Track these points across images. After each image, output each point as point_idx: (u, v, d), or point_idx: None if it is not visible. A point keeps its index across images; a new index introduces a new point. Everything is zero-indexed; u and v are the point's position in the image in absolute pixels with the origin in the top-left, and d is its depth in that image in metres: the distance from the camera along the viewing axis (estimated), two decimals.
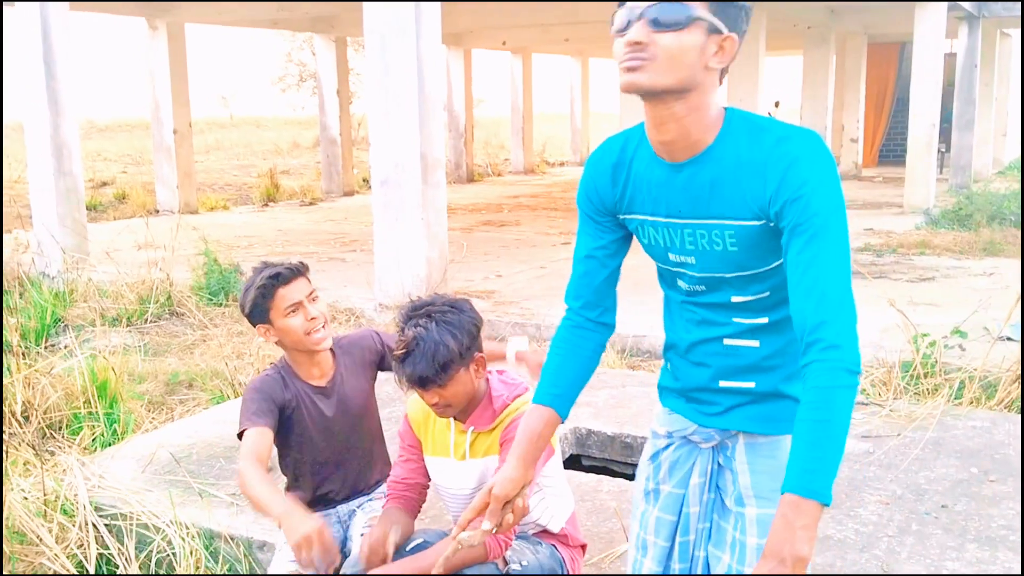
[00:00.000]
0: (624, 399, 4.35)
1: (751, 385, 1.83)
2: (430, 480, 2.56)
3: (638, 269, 2.67)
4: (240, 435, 2.54)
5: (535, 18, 14.75)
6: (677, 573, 1.94)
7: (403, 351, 2.27)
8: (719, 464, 1.90)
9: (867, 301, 6.19)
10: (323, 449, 2.74)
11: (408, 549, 2.45)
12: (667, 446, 1.98)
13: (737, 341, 1.82)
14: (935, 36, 11.80)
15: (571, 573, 2.52)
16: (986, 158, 17.77)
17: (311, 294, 2.63)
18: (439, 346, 2.24)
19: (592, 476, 3.62)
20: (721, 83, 1.72)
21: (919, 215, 11.59)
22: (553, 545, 2.51)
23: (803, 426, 1.58)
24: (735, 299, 1.79)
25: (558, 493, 2.53)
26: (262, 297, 2.57)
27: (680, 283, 1.86)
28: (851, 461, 3.67)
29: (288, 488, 2.87)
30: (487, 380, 2.45)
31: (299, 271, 2.62)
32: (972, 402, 4.50)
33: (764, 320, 1.80)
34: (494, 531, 1.87)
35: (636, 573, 1.99)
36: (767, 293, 1.77)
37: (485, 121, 33.43)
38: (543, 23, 15.56)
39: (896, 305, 5.23)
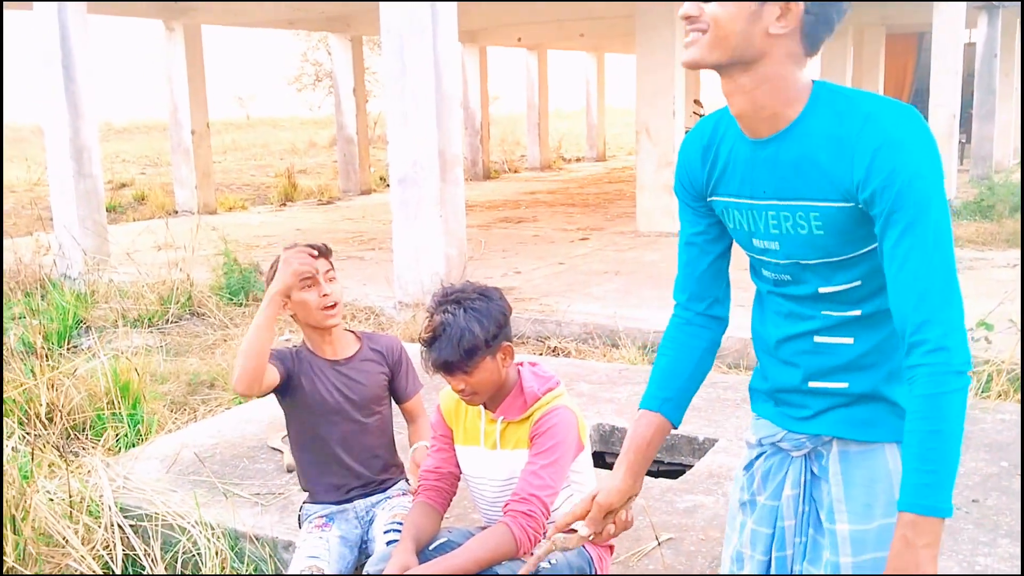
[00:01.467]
0: None
1: (844, 386, 1.67)
2: (461, 471, 2.56)
3: (656, 264, 2.64)
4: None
5: (550, 14, 14.71)
6: None
7: (430, 335, 2.30)
8: (813, 474, 1.75)
9: None
10: (331, 425, 2.78)
11: (432, 548, 2.44)
12: (759, 455, 1.84)
13: (828, 338, 1.67)
14: (954, 26, 11.67)
15: (599, 572, 2.51)
16: (1007, 148, 17.58)
17: (328, 271, 2.75)
18: (465, 332, 2.26)
19: None
20: (812, 53, 1.58)
21: None
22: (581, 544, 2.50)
23: (914, 438, 1.49)
24: (822, 290, 1.65)
25: (588, 490, 2.51)
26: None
27: (765, 272, 1.73)
28: None
29: (304, 486, 2.93)
30: (518, 371, 2.45)
31: (321, 252, 2.75)
32: (1000, 395, 4.45)
33: (856, 313, 1.64)
34: (591, 538, 1.82)
35: None
36: (858, 282, 1.62)
37: (501, 118, 33.40)
38: (558, 19, 15.52)
39: None
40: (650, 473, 3.78)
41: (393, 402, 2.96)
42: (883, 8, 15.82)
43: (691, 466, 3.71)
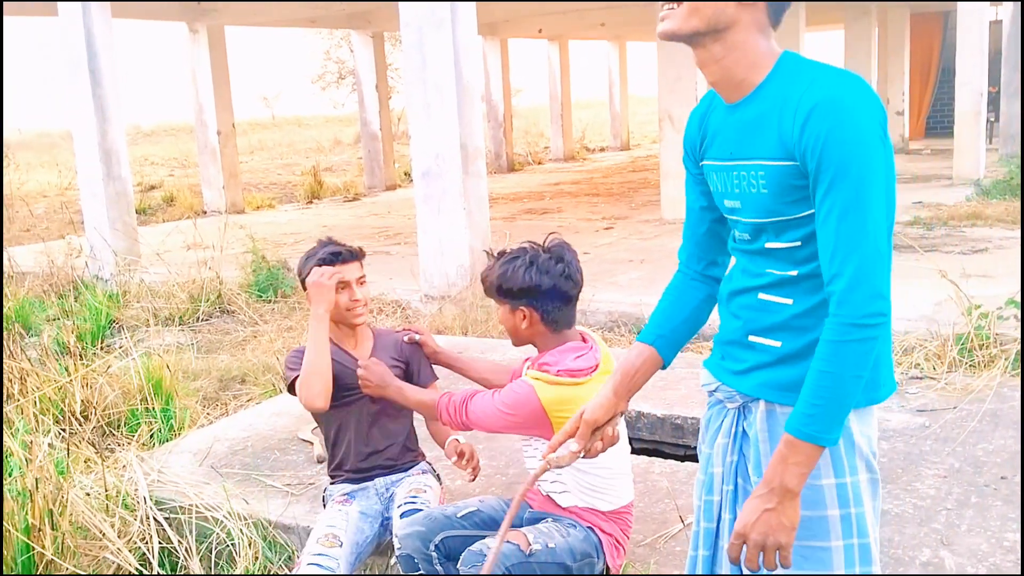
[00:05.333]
0: (672, 380, 4.33)
1: (777, 344, 1.74)
2: None
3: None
4: (291, 386, 2.86)
5: (570, 4, 14.67)
6: (702, 532, 1.92)
7: (499, 253, 2.60)
8: (743, 429, 1.85)
9: (919, 275, 6.10)
10: (355, 408, 2.92)
11: (460, 516, 2.56)
12: (709, 405, 1.96)
13: (771, 296, 1.75)
14: (979, 4, 11.52)
15: (608, 558, 2.52)
16: None
17: (360, 278, 2.93)
18: (496, 270, 2.54)
19: (643, 458, 3.61)
20: (776, 23, 1.69)
21: (969, 186, 11.34)
22: (590, 527, 2.51)
23: (810, 376, 1.61)
24: (768, 244, 1.73)
25: (617, 473, 2.54)
26: (319, 266, 2.86)
27: (736, 233, 1.82)
28: (907, 435, 3.62)
29: (330, 471, 3.05)
30: (548, 344, 2.56)
31: (356, 255, 2.94)
32: None
33: (794, 273, 1.70)
34: (582, 455, 1.93)
35: (694, 538, 1.97)
36: (798, 243, 1.69)
37: (524, 110, 33.37)
38: (578, 8, 15.49)
39: (948, 277, 5.13)
40: (675, 457, 3.79)
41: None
42: None
43: None
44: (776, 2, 1.66)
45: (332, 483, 3.02)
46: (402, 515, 2.70)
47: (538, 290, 2.49)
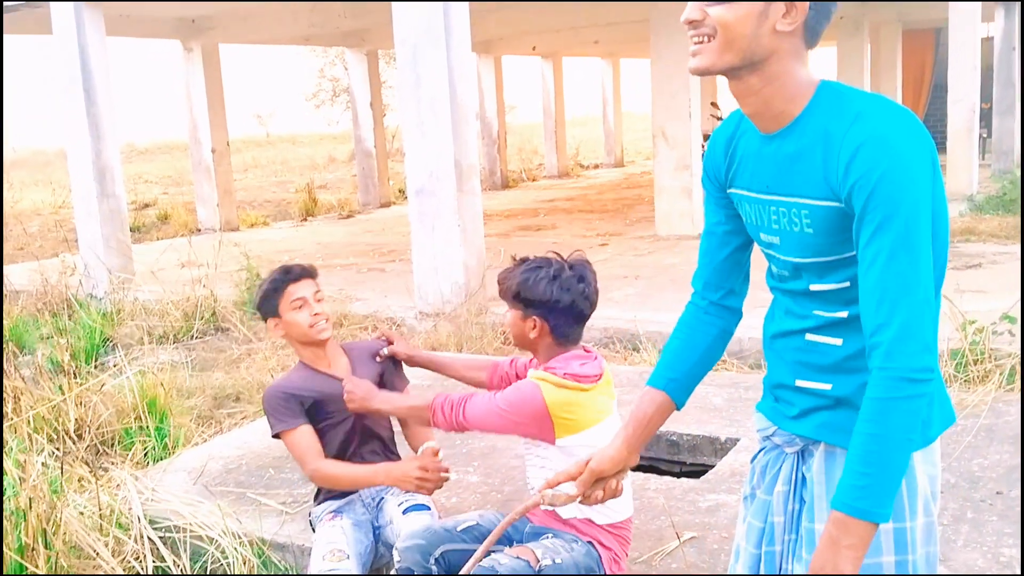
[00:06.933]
0: None
1: (828, 387, 1.65)
2: None
3: (676, 268, 2.66)
4: (276, 436, 2.83)
5: (564, 22, 14.74)
6: None
7: (521, 259, 2.57)
8: (803, 474, 1.73)
9: None
10: (337, 427, 2.89)
11: (460, 530, 2.55)
12: (761, 449, 1.84)
13: (819, 337, 1.65)
14: (971, 20, 11.60)
15: (607, 572, 2.51)
16: None
17: (316, 293, 2.90)
18: (514, 275, 2.52)
19: (639, 474, 3.61)
20: (812, 46, 1.59)
21: (962, 202, 11.39)
22: (591, 543, 2.51)
23: (857, 439, 1.48)
24: (813, 287, 1.64)
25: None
26: (273, 291, 2.87)
27: (773, 268, 1.73)
28: None
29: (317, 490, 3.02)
30: (550, 354, 2.53)
31: (308, 272, 2.92)
32: None
33: (843, 315, 1.61)
34: (578, 500, 1.87)
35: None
36: (847, 284, 1.58)
37: (518, 127, 33.45)
38: (572, 26, 15.55)
39: (943, 293, 5.15)
40: (672, 474, 3.79)
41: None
42: (899, 5, 15.74)
43: (713, 466, 3.71)
44: (812, 26, 1.55)
45: (317, 504, 3.00)
46: (405, 511, 2.72)
47: (556, 305, 2.48)
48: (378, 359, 2.96)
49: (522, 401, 2.42)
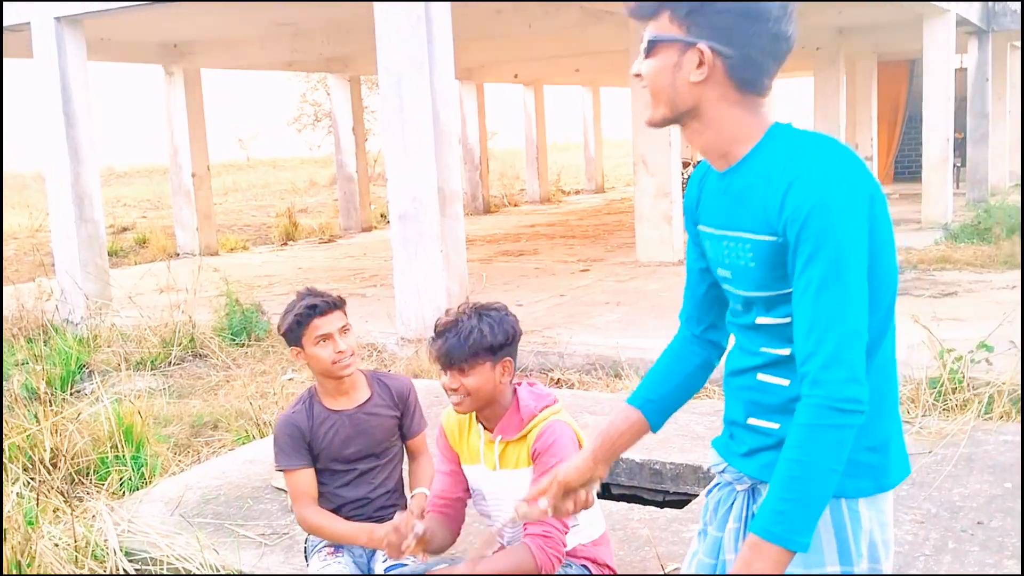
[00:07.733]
0: None
1: (776, 427, 1.66)
2: (469, 496, 2.60)
3: (657, 294, 2.67)
4: (279, 470, 2.79)
5: (545, 51, 14.85)
6: None
7: (442, 328, 2.40)
8: (753, 511, 1.73)
9: None
10: (344, 471, 2.82)
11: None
12: (715, 484, 1.86)
13: (768, 377, 1.67)
14: (945, 51, 11.79)
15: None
16: (1002, 171, 17.66)
17: (343, 327, 2.80)
18: (474, 330, 2.37)
19: (622, 504, 3.59)
20: (752, 91, 1.59)
21: (938, 230, 11.52)
22: (584, 565, 2.50)
23: (781, 464, 1.50)
24: (759, 320, 1.66)
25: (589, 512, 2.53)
26: (297, 324, 2.75)
27: (731, 304, 1.76)
28: None
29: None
30: (515, 391, 2.49)
31: (336, 305, 2.81)
32: (1002, 416, 4.44)
33: (787, 352, 1.62)
34: (549, 513, 1.87)
35: None
36: (788, 319, 1.60)
37: (500, 153, 33.56)
38: (553, 55, 15.67)
39: (920, 321, 5.19)
40: (656, 503, 3.77)
41: None
42: (874, 36, 15.97)
43: (696, 495, 3.70)
44: (740, 75, 1.57)
45: None
46: (386, 569, 2.66)
47: (517, 337, 2.47)
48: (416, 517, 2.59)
49: (568, 446, 2.39)
